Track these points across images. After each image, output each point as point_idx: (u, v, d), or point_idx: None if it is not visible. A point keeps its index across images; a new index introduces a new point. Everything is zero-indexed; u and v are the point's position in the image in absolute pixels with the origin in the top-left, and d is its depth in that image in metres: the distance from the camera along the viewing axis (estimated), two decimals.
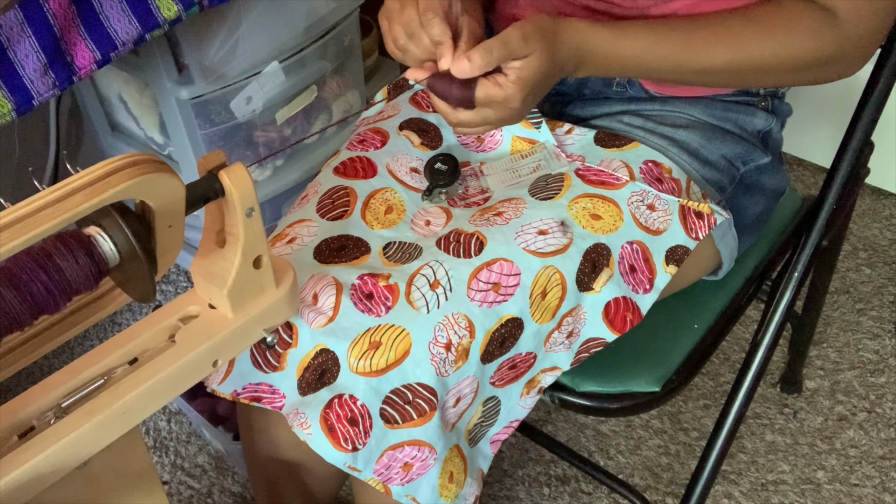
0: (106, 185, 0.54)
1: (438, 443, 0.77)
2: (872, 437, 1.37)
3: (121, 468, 0.65)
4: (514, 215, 0.82)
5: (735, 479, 1.33)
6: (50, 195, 0.53)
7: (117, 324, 1.57)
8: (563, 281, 0.80)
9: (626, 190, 0.85)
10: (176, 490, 1.34)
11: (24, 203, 0.53)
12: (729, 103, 0.93)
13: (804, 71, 0.82)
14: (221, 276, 0.64)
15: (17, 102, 0.94)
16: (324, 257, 0.81)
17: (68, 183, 0.54)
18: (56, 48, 0.95)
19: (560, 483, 1.33)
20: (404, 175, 0.90)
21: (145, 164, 0.56)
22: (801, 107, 1.29)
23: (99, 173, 0.55)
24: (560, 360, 0.84)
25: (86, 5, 0.97)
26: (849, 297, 1.56)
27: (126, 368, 0.63)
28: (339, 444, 0.74)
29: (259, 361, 0.78)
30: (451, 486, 0.80)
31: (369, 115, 1.01)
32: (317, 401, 0.75)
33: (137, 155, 0.56)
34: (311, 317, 0.76)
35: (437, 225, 0.86)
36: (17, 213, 0.52)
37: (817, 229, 0.98)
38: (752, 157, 0.93)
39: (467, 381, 0.78)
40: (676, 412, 1.41)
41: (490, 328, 0.78)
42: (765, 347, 0.98)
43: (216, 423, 1.28)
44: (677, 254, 0.85)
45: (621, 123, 0.92)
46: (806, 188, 1.77)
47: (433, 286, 0.77)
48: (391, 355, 0.74)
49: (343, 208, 0.86)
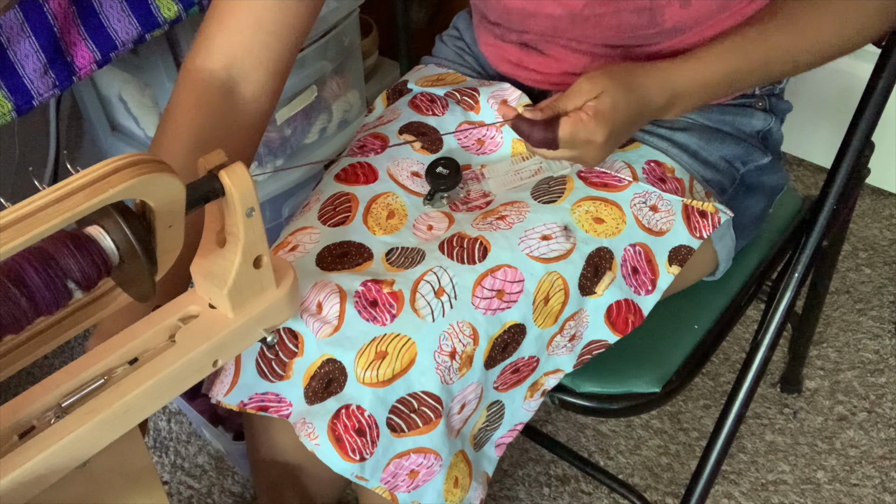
0: (106, 184, 0.54)
1: (444, 449, 0.77)
2: (872, 437, 1.37)
3: (121, 468, 0.65)
4: (517, 219, 0.82)
5: (735, 479, 1.33)
6: (50, 195, 0.53)
7: None
8: (565, 286, 0.80)
9: (629, 192, 0.85)
10: (176, 490, 1.34)
11: (25, 203, 0.53)
12: (725, 106, 0.93)
13: (868, 40, 0.85)
14: (221, 276, 0.64)
15: (17, 102, 0.94)
16: (326, 264, 0.81)
17: (68, 183, 0.54)
18: (56, 48, 0.95)
19: (560, 483, 1.33)
20: (405, 179, 0.90)
21: (145, 164, 0.56)
22: (801, 107, 1.29)
23: (99, 173, 0.55)
24: (562, 362, 0.84)
25: (86, 5, 0.97)
26: (849, 297, 1.56)
27: (126, 368, 0.63)
28: (347, 455, 0.74)
29: (265, 371, 0.78)
30: (457, 491, 0.80)
31: (369, 120, 1.01)
32: (324, 411, 0.75)
33: (137, 155, 0.56)
34: (316, 326, 0.75)
35: (439, 229, 0.85)
36: (17, 213, 0.52)
37: (817, 229, 0.98)
38: (752, 158, 0.93)
39: (471, 388, 0.78)
40: (676, 412, 1.41)
41: (493, 334, 0.78)
42: (765, 347, 0.98)
43: (216, 423, 1.28)
44: (681, 254, 0.85)
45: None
46: (806, 188, 1.77)
47: (438, 294, 0.77)
48: (397, 365, 0.74)
49: (344, 214, 0.86)
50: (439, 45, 1.07)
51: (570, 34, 0.86)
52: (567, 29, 0.85)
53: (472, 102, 0.94)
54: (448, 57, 1.04)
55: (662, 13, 0.81)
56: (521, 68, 0.94)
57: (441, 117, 0.95)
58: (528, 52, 0.92)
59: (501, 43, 0.94)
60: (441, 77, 1.00)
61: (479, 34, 1.00)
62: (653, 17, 0.81)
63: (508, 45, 0.94)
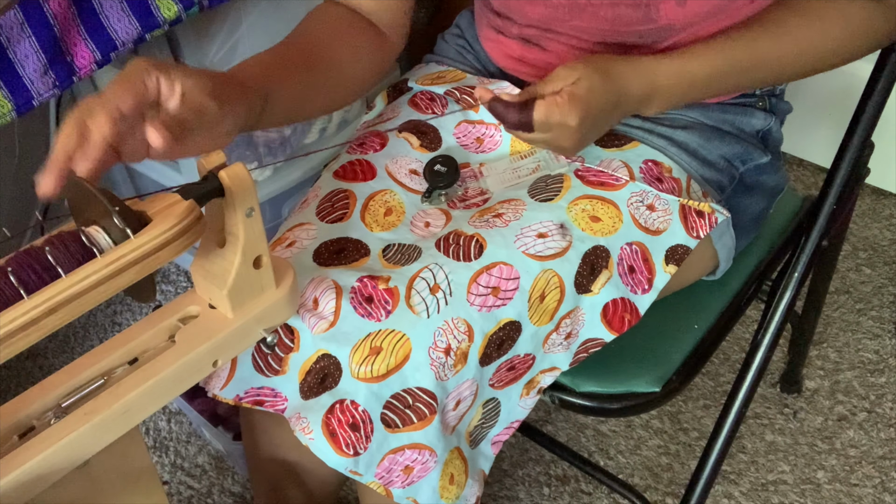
0: (155, 260, 0.58)
1: (439, 446, 0.78)
2: (872, 437, 1.37)
3: (121, 468, 0.65)
4: (514, 217, 0.82)
5: (735, 479, 1.33)
6: (102, 270, 0.56)
7: (117, 324, 1.57)
8: (561, 284, 0.80)
9: (626, 191, 0.85)
10: (176, 490, 1.34)
11: (80, 278, 0.55)
12: (726, 105, 0.93)
13: (863, 52, 0.85)
14: (221, 276, 0.64)
15: (17, 102, 0.94)
16: (323, 260, 0.81)
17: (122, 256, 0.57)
18: (56, 48, 0.95)
19: (560, 483, 1.33)
20: (403, 177, 0.90)
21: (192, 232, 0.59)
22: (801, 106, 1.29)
23: (150, 247, 0.57)
24: (559, 360, 0.84)
25: (86, 5, 0.97)
26: (849, 297, 1.56)
27: (126, 368, 0.63)
28: (341, 449, 0.74)
29: (261, 366, 0.78)
30: (452, 488, 0.80)
31: (369, 118, 1.02)
32: (319, 406, 0.75)
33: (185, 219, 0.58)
34: (312, 321, 0.76)
35: (436, 226, 0.86)
36: (73, 290, 0.55)
37: (817, 229, 0.98)
38: (752, 157, 0.93)
39: (466, 385, 0.78)
40: (676, 412, 1.41)
41: (488, 331, 0.78)
42: (765, 347, 0.98)
43: (216, 423, 1.28)
44: (678, 253, 0.85)
45: (620, 123, 0.92)
46: (806, 188, 1.77)
47: (433, 290, 0.77)
48: (392, 361, 0.74)
49: (342, 211, 0.86)
50: (441, 43, 1.07)
51: (568, 26, 0.87)
52: (564, 19, 0.86)
53: (471, 101, 0.94)
54: (449, 55, 1.04)
55: (658, 9, 0.81)
56: (521, 63, 0.94)
57: (440, 116, 0.95)
58: (529, 48, 0.92)
59: (503, 38, 0.95)
60: (441, 75, 1.00)
61: (480, 29, 1.00)
62: (648, 12, 0.82)
63: (509, 40, 0.94)
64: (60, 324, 0.55)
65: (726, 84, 0.84)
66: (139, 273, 0.57)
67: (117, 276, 0.56)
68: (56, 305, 0.54)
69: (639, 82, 0.80)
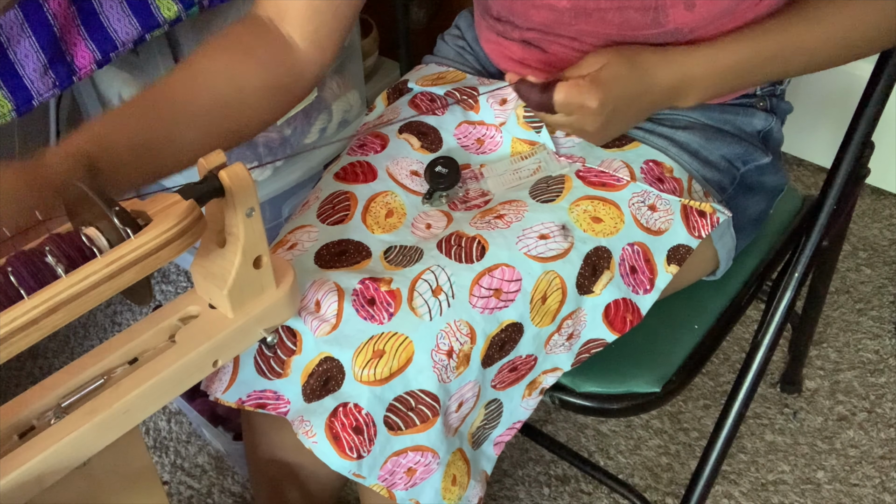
0: (155, 260, 0.58)
1: (441, 447, 0.78)
2: (872, 437, 1.37)
3: (121, 468, 0.65)
4: (515, 218, 0.82)
5: (735, 479, 1.33)
6: (102, 270, 0.56)
7: (117, 324, 1.57)
8: (563, 285, 0.80)
9: (627, 191, 0.85)
10: (176, 490, 1.34)
11: (80, 277, 0.55)
12: (727, 105, 0.93)
13: (888, 42, 0.85)
14: (221, 276, 0.64)
15: (17, 102, 0.94)
16: (324, 262, 0.81)
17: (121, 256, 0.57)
18: (56, 48, 0.95)
19: (560, 483, 1.33)
20: (404, 178, 0.90)
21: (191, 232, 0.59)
22: (801, 106, 1.29)
23: (150, 247, 0.57)
24: (561, 361, 0.84)
25: (86, 5, 0.97)
26: (849, 297, 1.56)
27: (126, 368, 0.63)
28: (344, 453, 0.74)
29: (263, 369, 0.78)
30: (455, 489, 0.80)
31: (369, 119, 1.02)
32: (322, 409, 0.75)
33: (185, 219, 0.58)
34: (314, 324, 0.76)
35: (437, 228, 0.86)
36: (72, 290, 0.55)
37: (817, 229, 0.98)
38: (753, 158, 0.93)
39: (469, 386, 0.78)
40: (676, 412, 1.41)
41: (490, 333, 0.78)
42: (765, 347, 0.98)
43: (216, 423, 1.28)
44: (679, 253, 0.85)
45: None
46: (806, 188, 1.77)
47: (435, 293, 0.77)
48: (394, 363, 0.74)
49: (343, 212, 0.86)
50: (440, 44, 1.07)
51: (572, 30, 0.86)
52: (569, 23, 0.85)
53: (471, 102, 0.94)
54: (449, 56, 1.04)
55: (666, 14, 0.81)
56: (523, 66, 0.94)
57: (441, 117, 0.95)
58: (531, 50, 0.92)
59: (503, 40, 0.94)
60: (441, 75, 1.00)
61: (480, 31, 1.00)
62: (656, 16, 0.81)
63: (510, 43, 0.94)
64: (60, 324, 0.55)
65: (757, 73, 0.84)
66: (139, 273, 0.57)
67: (117, 276, 0.56)
68: (56, 305, 0.54)
69: (668, 72, 0.80)
